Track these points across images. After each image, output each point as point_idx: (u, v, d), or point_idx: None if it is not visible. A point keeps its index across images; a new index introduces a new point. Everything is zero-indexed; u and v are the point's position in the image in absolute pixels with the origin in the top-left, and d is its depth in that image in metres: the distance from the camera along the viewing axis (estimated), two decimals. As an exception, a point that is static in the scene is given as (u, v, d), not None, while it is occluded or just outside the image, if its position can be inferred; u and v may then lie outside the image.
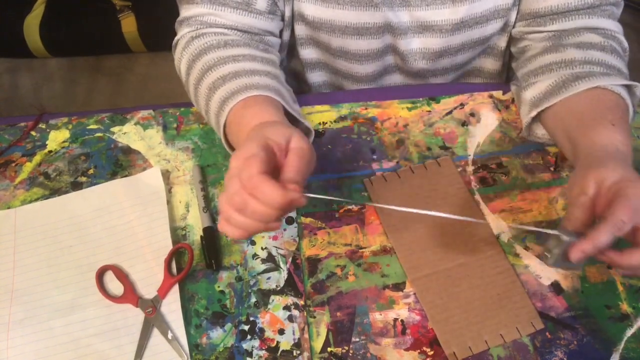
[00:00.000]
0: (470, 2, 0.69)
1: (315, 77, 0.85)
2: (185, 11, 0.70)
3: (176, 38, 0.72)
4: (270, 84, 0.63)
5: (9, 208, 0.67)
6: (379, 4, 0.68)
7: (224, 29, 0.69)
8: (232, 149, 0.64)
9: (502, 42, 0.78)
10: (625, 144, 0.56)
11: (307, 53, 0.80)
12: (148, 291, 0.60)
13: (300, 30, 0.75)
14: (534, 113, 0.64)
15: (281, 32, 0.75)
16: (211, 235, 0.63)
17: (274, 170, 0.49)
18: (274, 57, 0.71)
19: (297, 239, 0.63)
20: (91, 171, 0.70)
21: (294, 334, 0.57)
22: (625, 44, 0.68)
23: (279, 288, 0.60)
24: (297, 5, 0.71)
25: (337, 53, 0.76)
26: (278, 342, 0.57)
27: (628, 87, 0.62)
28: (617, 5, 0.70)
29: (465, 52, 0.76)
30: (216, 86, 0.62)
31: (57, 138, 0.73)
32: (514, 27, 0.76)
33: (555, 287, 0.60)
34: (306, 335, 0.57)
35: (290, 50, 0.80)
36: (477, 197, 0.66)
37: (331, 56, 0.78)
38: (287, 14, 0.72)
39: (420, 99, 0.75)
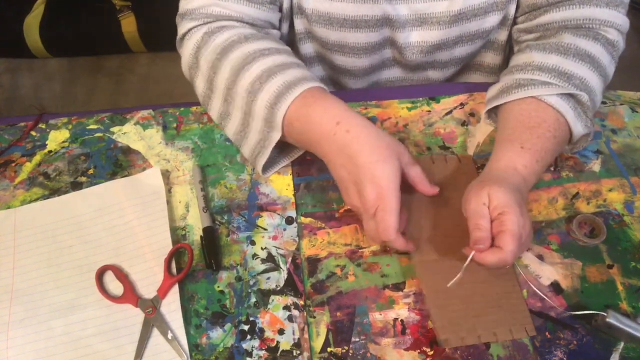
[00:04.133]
0: None
1: (314, 73, 0.85)
2: (187, 3, 0.69)
3: (181, 32, 0.70)
4: (311, 75, 0.64)
5: (9, 208, 0.67)
6: None
7: (231, 21, 0.69)
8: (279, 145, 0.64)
9: (502, 37, 0.78)
10: (527, 166, 0.60)
11: (306, 48, 0.80)
12: (148, 291, 0.60)
13: (300, 24, 0.75)
14: (485, 109, 0.70)
15: (280, 24, 0.75)
16: (211, 235, 0.63)
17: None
18: (287, 48, 0.70)
19: (297, 239, 0.63)
20: (91, 171, 0.70)
21: (293, 334, 0.57)
22: (611, 37, 0.68)
23: (278, 288, 0.60)
24: None
25: (334, 47, 0.76)
26: (278, 342, 0.57)
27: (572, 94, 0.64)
28: None
29: (462, 44, 0.77)
30: (262, 83, 0.61)
31: (57, 138, 0.73)
32: (514, 23, 0.76)
33: (555, 287, 0.60)
34: (306, 335, 0.57)
35: (288, 46, 0.80)
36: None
37: (328, 51, 0.78)
38: (286, 5, 0.73)
39: (420, 98, 0.75)
